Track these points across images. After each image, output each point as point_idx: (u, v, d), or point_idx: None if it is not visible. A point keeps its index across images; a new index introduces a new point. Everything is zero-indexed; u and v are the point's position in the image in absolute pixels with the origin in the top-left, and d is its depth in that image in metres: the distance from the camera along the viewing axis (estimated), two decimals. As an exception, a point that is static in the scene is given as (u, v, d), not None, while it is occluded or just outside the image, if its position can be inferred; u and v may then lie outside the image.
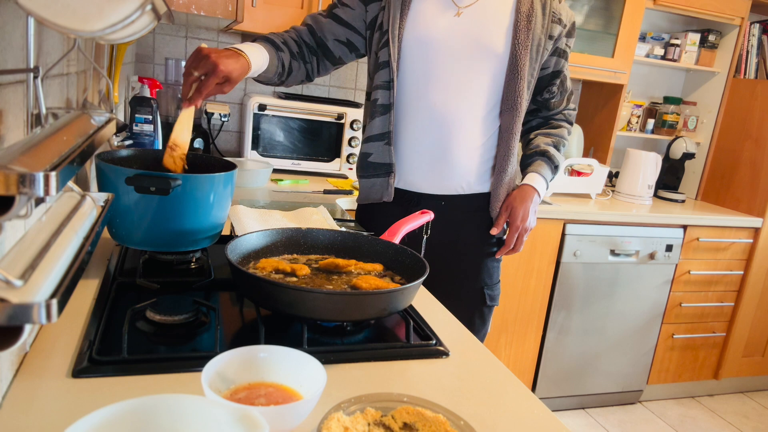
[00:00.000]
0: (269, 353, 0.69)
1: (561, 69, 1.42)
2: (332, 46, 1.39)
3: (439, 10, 1.32)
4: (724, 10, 2.70)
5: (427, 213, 1.21)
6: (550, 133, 1.47)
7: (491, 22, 1.30)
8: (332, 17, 1.39)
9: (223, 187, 1.04)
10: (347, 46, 1.40)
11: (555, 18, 1.35)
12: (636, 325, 2.61)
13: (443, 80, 1.32)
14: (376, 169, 1.40)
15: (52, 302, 0.43)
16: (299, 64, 1.36)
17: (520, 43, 1.29)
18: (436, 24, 1.31)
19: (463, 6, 1.31)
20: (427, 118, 1.34)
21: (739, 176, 2.82)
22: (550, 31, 1.35)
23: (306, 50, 1.38)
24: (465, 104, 1.33)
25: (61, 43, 0.89)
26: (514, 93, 1.32)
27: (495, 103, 1.35)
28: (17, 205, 0.41)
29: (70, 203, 0.68)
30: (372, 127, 1.39)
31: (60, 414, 0.63)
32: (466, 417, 0.69)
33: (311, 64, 1.39)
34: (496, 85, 1.33)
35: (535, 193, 1.40)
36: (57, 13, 0.49)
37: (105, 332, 0.81)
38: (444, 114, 1.33)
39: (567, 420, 2.56)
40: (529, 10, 1.30)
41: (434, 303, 1.10)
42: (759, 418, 2.81)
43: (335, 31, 1.38)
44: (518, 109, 1.34)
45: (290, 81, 1.38)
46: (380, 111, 1.37)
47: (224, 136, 2.48)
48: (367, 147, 1.41)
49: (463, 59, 1.31)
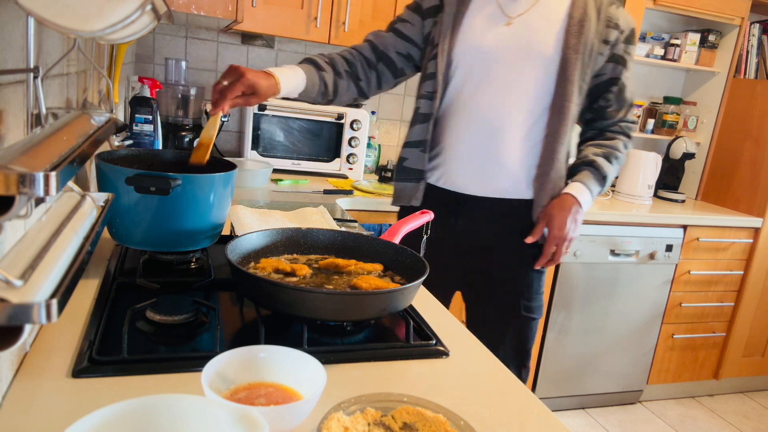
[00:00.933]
0: (269, 353, 0.69)
1: (618, 76, 1.37)
2: (395, 58, 1.42)
3: (490, 23, 1.33)
4: (724, 10, 2.70)
5: (427, 213, 1.21)
6: (602, 144, 1.43)
7: (542, 29, 1.30)
8: (393, 31, 1.43)
9: (223, 187, 1.04)
10: (407, 59, 1.43)
11: (611, 23, 1.32)
12: (636, 325, 2.61)
13: (492, 86, 1.33)
14: (410, 173, 1.42)
15: (52, 302, 0.42)
16: (348, 83, 1.39)
17: (571, 47, 1.28)
18: (486, 35, 1.32)
19: (514, 16, 1.32)
20: (476, 122, 1.35)
21: (739, 176, 2.82)
22: (605, 36, 1.32)
23: (361, 66, 1.40)
24: (513, 108, 1.32)
25: (61, 43, 0.89)
26: (563, 97, 1.30)
27: (544, 108, 1.33)
28: (17, 205, 0.41)
29: (70, 203, 0.68)
30: (411, 134, 1.42)
31: (60, 414, 0.63)
32: (466, 417, 0.69)
33: (366, 81, 1.42)
34: (545, 90, 1.32)
35: (575, 203, 1.34)
36: (57, 13, 0.49)
37: (105, 332, 0.81)
38: (492, 118, 1.33)
39: (567, 420, 2.56)
40: (582, 15, 1.29)
41: (434, 303, 1.10)
42: (759, 418, 2.81)
43: (396, 44, 1.42)
44: (566, 113, 1.31)
45: (340, 99, 1.40)
46: (420, 119, 1.40)
47: (224, 136, 2.48)
48: (405, 152, 1.44)
49: (513, 65, 1.31)
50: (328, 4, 2.10)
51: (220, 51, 2.41)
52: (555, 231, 1.33)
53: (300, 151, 2.32)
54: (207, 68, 2.41)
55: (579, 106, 1.35)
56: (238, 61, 2.44)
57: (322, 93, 1.34)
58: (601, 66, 1.35)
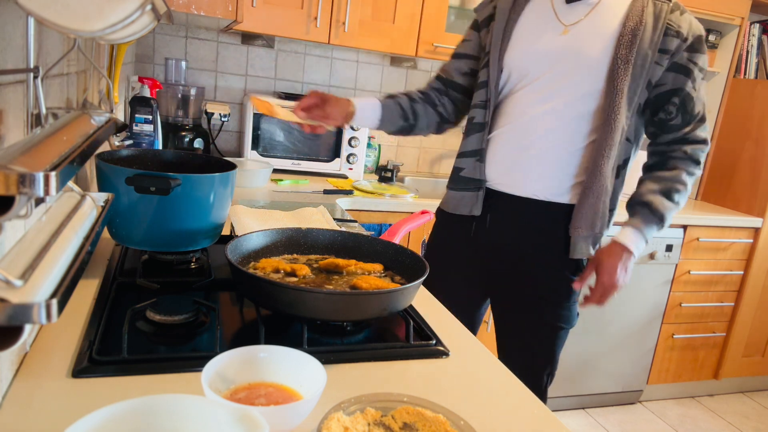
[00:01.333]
0: (269, 353, 0.69)
1: (681, 87, 1.28)
2: (459, 80, 1.45)
3: (545, 30, 1.31)
4: (724, 10, 2.70)
5: (427, 213, 1.21)
6: (662, 177, 1.33)
7: (595, 37, 1.27)
8: (455, 56, 1.47)
9: (223, 187, 1.04)
10: (472, 75, 1.45)
11: (671, 31, 1.25)
12: (636, 325, 2.61)
13: (537, 91, 1.31)
14: (467, 183, 1.40)
15: (52, 302, 0.42)
16: (424, 106, 1.44)
17: (620, 58, 1.23)
18: (539, 42, 1.30)
19: (570, 23, 1.29)
20: (514, 122, 1.33)
21: (739, 176, 2.82)
22: (663, 44, 1.25)
23: (434, 95, 1.46)
24: (554, 112, 1.29)
25: (61, 43, 0.89)
26: (612, 109, 1.25)
27: (589, 117, 1.29)
28: (17, 205, 0.41)
29: (70, 203, 0.68)
30: (466, 144, 1.41)
31: (60, 414, 0.63)
32: (466, 417, 0.69)
33: (443, 107, 1.46)
34: (591, 98, 1.27)
35: (624, 252, 1.29)
36: (57, 13, 0.49)
37: (105, 332, 0.81)
38: (530, 119, 1.31)
39: (567, 420, 2.56)
40: (636, 24, 1.24)
41: (434, 303, 1.10)
42: (759, 418, 2.81)
43: (459, 66, 1.45)
44: (613, 124, 1.25)
45: (421, 124, 1.45)
46: (476, 129, 1.39)
47: (224, 136, 2.48)
48: (460, 162, 1.42)
49: (562, 73, 1.28)
50: (328, 4, 2.10)
51: (220, 51, 2.41)
52: (604, 278, 1.29)
53: (300, 151, 2.32)
54: (207, 68, 2.41)
55: (629, 119, 1.29)
56: (238, 61, 2.45)
57: (402, 116, 1.40)
58: (660, 76, 1.28)
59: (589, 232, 1.30)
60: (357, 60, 2.60)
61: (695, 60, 1.28)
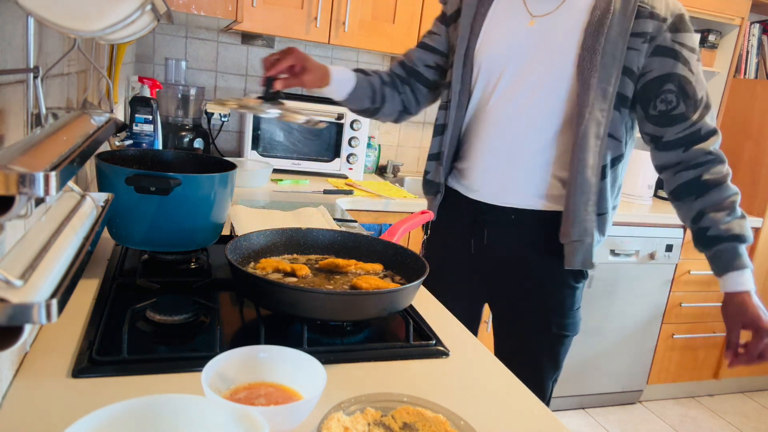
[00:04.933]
0: (269, 353, 0.69)
1: (672, 71, 1.16)
2: (423, 71, 1.40)
3: (513, 23, 1.25)
4: (724, 10, 2.70)
5: (427, 213, 1.21)
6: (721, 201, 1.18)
7: (563, 29, 1.20)
8: (421, 46, 1.41)
9: (223, 187, 1.04)
10: (436, 70, 1.40)
11: (644, 12, 1.15)
12: (636, 325, 2.61)
13: (514, 91, 1.24)
14: (431, 186, 1.40)
15: (52, 302, 0.42)
16: (393, 92, 1.38)
17: (586, 48, 1.16)
18: (507, 36, 1.25)
19: (539, 15, 1.23)
20: (497, 131, 1.27)
21: (739, 176, 2.82)
22: (637, 28, 1.16)
23: (398, 80, 1.40)
24: (536, 114, 1.23)
25: (61, 43, 0.89)
26: (583, 103, 1.17)
27: (568, 114, 1.21)
28: (17, 205, 0.41)
29: (70, 203, 0.68)
30: (431, 147, 1.39)
31: (60, 414, 0.63)
32: (466, 417, 0.69)
33: (406, 95, 1.41)
34: (566, 94, 1.21)
35: (748, 295, 1.17)
36: (57, 14, 0.49)
37: (105, 332, 0.81)
38: (514, 124, 1.24)
39: (567, 420, 2.56)
40: (604, 12, 1.17)
41: (434, 303, 1.10)
42: (759, 418, 2.81)
43: (424, 57, 1.40)
44: (585, 121, 1.17)
45: (386, 109, 1.39)
46: (438, 131, 1.37)
47: (224, 136, 2.48)
48: (427, 165, 1.42)
49: (531, 69, 1.22)
50: (328, 4, 2.10)
51: (220, 51, 2.41)
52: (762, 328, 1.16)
53: (300, 151, 2.32)
54: (207, 68, 2.41)
55: (607, 112, 1.19)
56: (238, 61, 2.45)
57: (371, 97, 1.35)
58: (645, 63, 1.18)
59: (578, 238, 1.21)
60: (357, 60, 2.60)
61: (681, 40, 1.16)
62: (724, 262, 1.18)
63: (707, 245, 1.20)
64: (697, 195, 1.20)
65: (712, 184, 1.19)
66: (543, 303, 1.31)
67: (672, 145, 1.20)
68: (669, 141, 1.20)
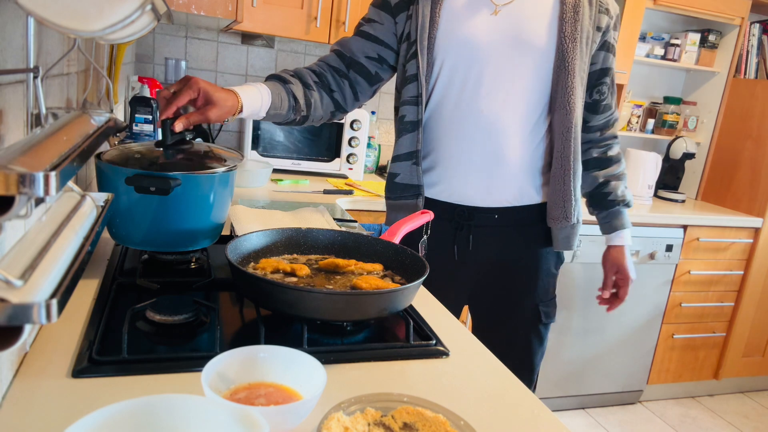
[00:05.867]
0: (269, 353, 0.69)
1: (610, 66, 1.29)
2: (365, 63, 1.29)
3: (474, 12, 1.21)
4: (724, 10, 2.70)
5: (427, 213, 1.21)
6: (620, 174, 1.40)
7: (533, 17, 1.20)
8: (360, 34, 1.29)
9: (223, 187, 1.04)
10: (379, 62, 1.29)
11: (603, 8, 1.24)
12: (636, 325, 2.61)
13: (486, 85, 1.21)
14: (404, 190, 1.30)
15: (52, 302, 0.42)
16: (320, 94, 1.26)
17: (567, 36, 1.18)
18: (471, 26, 1.21)
19: (502, 3, 1.21)
20: (473, 127, 1.23)
21: (739, 176, 2.82)
22: (598, 21, 1.23)
23: (332, 77, 1.28)
24: (510, 108, 1.22)
25: (61, 43, 0.89)
26: (566, 90, 1.20)
27: (544, 104, 1.23)
28: (17, 205, 0.41)
29: (70, 203, 0.68)
30: (400, 146, 1.29)
31: (60, 414, 0.63)
32: (466, 417, 0.69)
33: (340, 92, 1.29)
34: (543, 84, 1.22)
35: (625, 249, 1.44)
36: (57, 13, 0.49)
37: (105, 332, 0.81)
38: (491, 121, 1.22)
39: (567, 420, 2.56)
40: (575, 1, 1.20)
41: (434, 303, 1.10)
42: (759, 418, 2.81)
43: (364, 47, 1.28)
44: (571, 107, 1.21)
45: (316, 115, 1.26)
46: (408, 128, 1.27)
47: (224, 136, 2.48)
48: (395, 167, 1.31)
49: (505, 59, 1.20)
50: (328, 4, 2.11)
51: (220, 51, 2.41)
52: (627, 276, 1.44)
53: (300, 151, 2.32)
54: (207, 68, 2.41)
55: (583, 99, 1.26)
56: (238, 61, 2.45)
57: (293, 108, 1.20)
58: (593, 54, 1.26)
59: (565, 222, 1.29)
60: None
61: (616, 38, 1.31)
62: (617, 221, 1.41)
63: (606, 207, 1.41)
64: (602, 167, 1.39)
65: (615, 160, 1.39)
66: (531, 294, 1.36)
67: (593, 129, 1.37)
68: (593, 126, 1.36)
